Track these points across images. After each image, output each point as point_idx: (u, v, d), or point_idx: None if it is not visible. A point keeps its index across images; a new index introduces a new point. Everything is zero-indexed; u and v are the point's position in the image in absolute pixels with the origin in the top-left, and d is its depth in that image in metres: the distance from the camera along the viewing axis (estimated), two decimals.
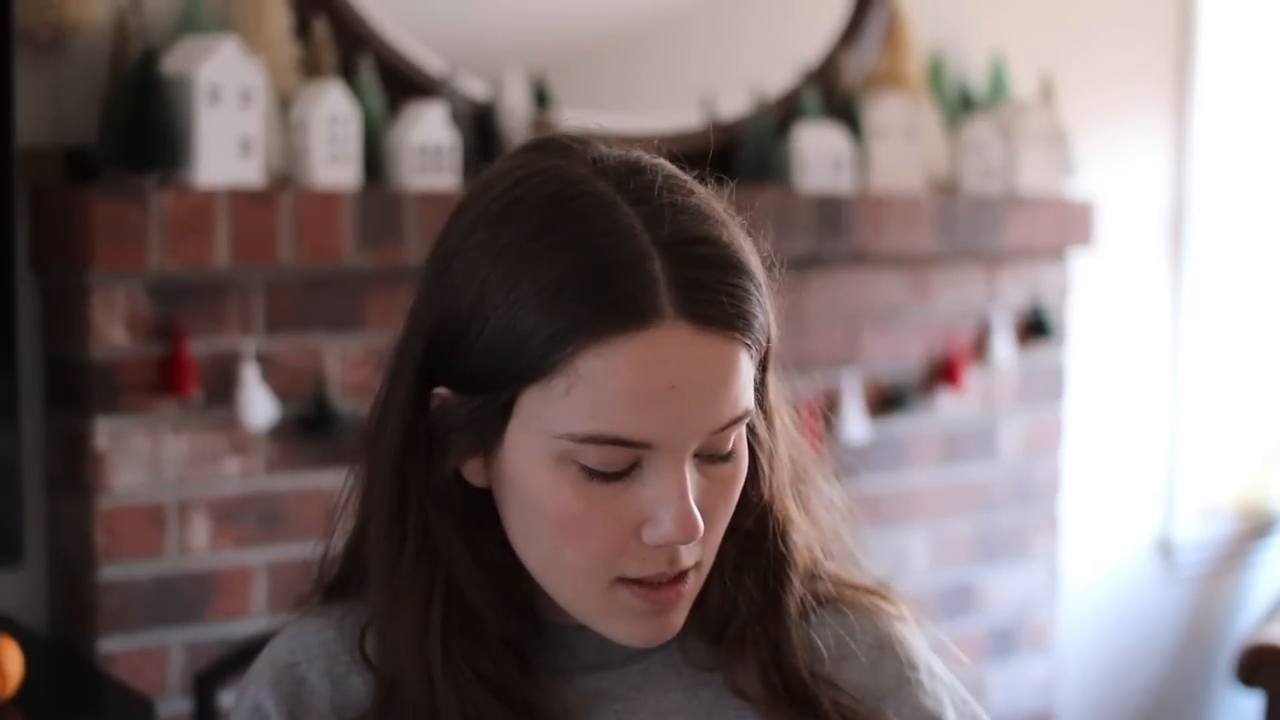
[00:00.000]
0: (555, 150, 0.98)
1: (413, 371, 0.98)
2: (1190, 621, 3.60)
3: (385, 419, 1.00)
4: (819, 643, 1.03)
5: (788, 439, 1.06)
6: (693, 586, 0.97)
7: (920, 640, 1.08)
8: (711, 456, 0.95)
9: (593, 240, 0.91)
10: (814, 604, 1.05)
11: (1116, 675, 3.44)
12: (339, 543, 1.07)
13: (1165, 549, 3.53)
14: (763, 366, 1.01)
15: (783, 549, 1.03)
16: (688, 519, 0.92)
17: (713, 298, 0.91)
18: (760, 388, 1.01)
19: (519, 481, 0.95)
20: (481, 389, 0.94)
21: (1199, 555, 3.59)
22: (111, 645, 2.07)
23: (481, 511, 0.99)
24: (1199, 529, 3.58)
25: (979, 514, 2.99)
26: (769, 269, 0.99)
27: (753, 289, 0.94)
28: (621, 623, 0.96)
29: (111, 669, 2.05)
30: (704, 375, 0.91)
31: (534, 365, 0.91)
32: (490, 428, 0.95)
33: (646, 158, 0.98)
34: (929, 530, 2.90)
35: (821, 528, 1.08)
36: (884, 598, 1.09)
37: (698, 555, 0.96)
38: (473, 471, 0.98)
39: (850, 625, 1.05)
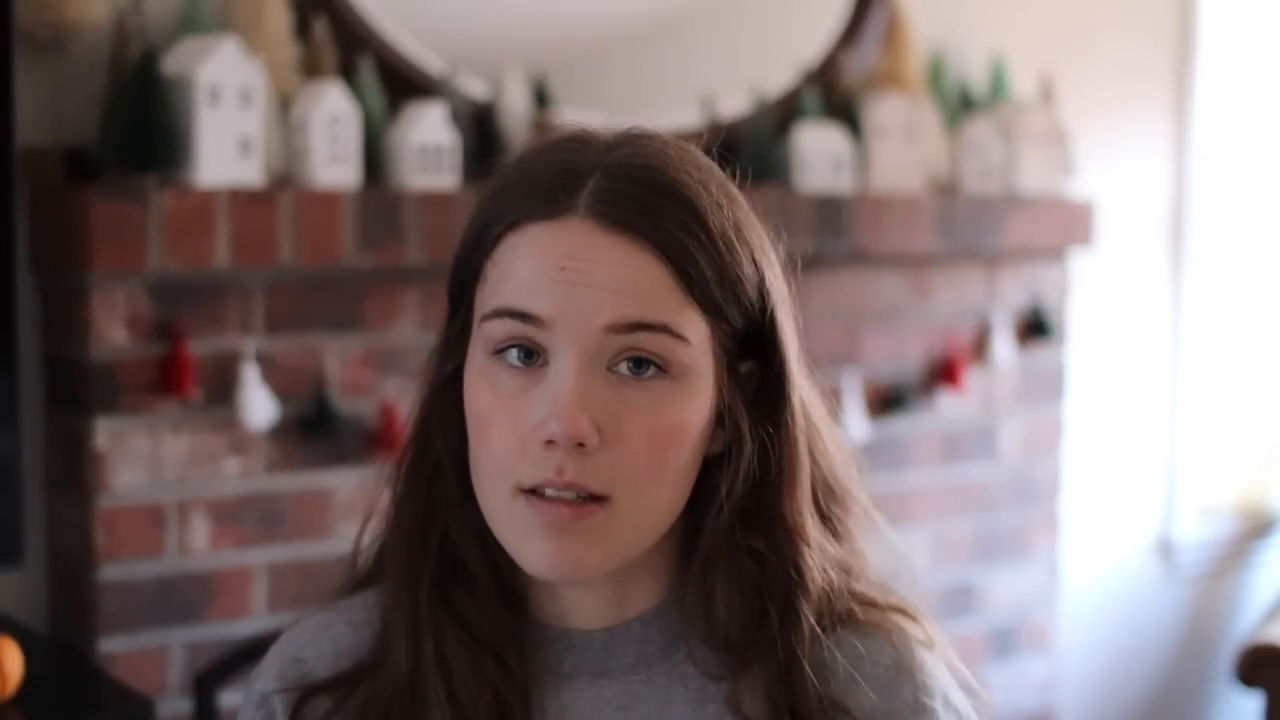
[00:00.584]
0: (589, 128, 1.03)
1: (449, 310, 1.03)
2: (1190, 621, 3.60)
3: (429, 361, 1.04)
4: (833, 663, 1.01)
5: (819, 453, 1.04)
6: (605, 525, 0.94)
7: (941, 668, 1.06)
8: (628, 376, 0.93)
9: (551, 158, 0.98)
10: (832, 623, 1.02)
11: (1116, 675, 3.44)
12: (368, 538, 1.08)
13: (1165, 549, 3.53)
14: (764, 362, 1.00)
15: (793, 574, 1.00)
16: (566, 411, 0.91)
17: (629, 205, 0.94)
18: (762, 390, 1.00)
19: (467, 393, 0.98)
20: (460, 302, 1.00)
21: (1199, 555, 3.59)
22: (111, 645, 2.07)
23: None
24: (1199, 529, 3.58)
25: (979, 514, 2.99)
26: (784, 265, 1.02)
27: (688, 219, 0.95)
28: (526, 542, 0.94)
29: (111, 669, 2.05)
30: (601, 268, 0.92)
31: (476, 264, 0.97)
32: (461, 343, 0.99)
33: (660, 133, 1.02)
34: (929, 530, 2.90)
35: (854, 552, 1.06)
36: (912, 618, 1.06)
37: (604, 484, 0.92)
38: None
39: (869, 645, 1.03)
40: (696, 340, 0.95)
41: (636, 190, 0.94)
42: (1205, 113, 3.46)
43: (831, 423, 1.07)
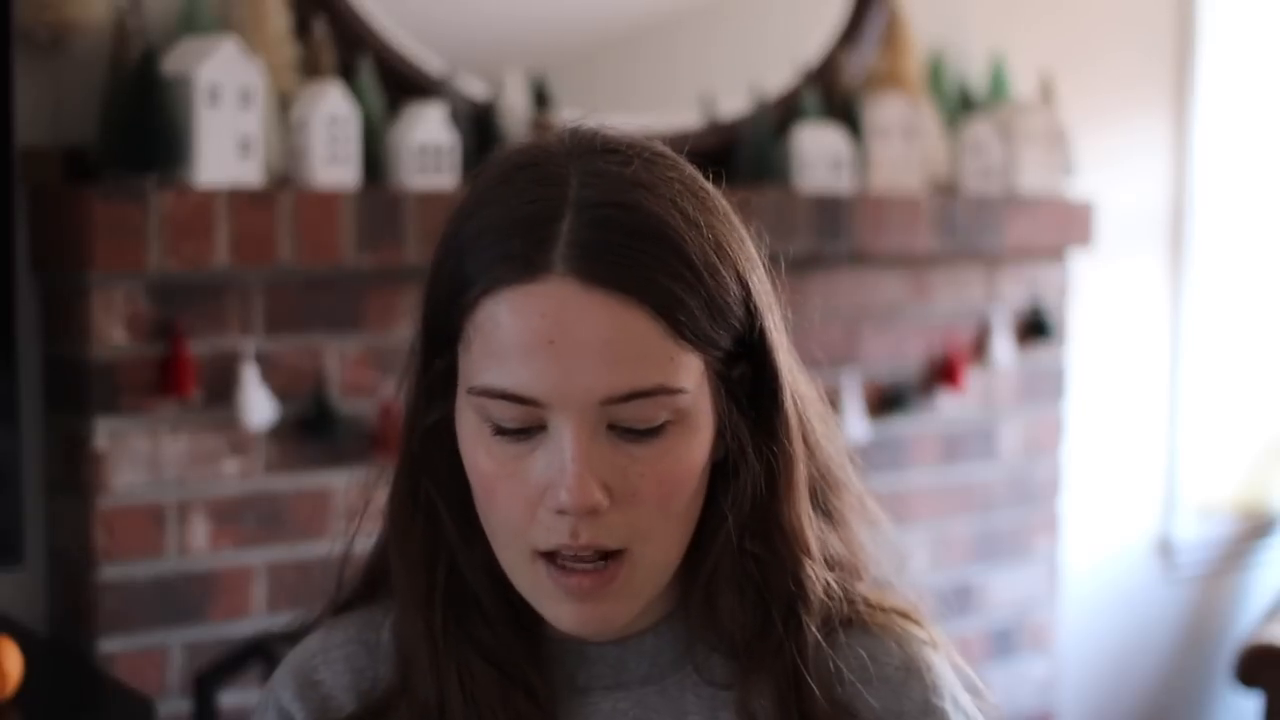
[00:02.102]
0: (557, 130, 0.99)
1: (419, 339, 0.99)
2: (1190, 621, 3.60)
3: (403, 385, 1.02)
4: (842, 666, 1.00)
5: (814, 448, 1.03)
6: (627, 578, 0.93)
7: (948, 670, 1.05)
8: (631, 431, 0.91)
9: (518, 198, 0.92)
10: (837, 626, 1.02)
11: (1116, 675, 3.44)
12: (358, 545, 1.07)
13: (1165, 549, 3.53)
14: (756, 371, 0.98)
15: (792, 584, 0.99)
16: (576, 485, 0.89)
17: (607, 258, 0.89)
18: (754, 396, 0.98)
19: (460, 444, 0.95)
20: (441, 350, 0.96)
21: (1199, 555, 3.59)
22: (111, 645, 2.07)
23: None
24: (1199, 529, 3.58)
25: (979, 514, 2.99)
26: (769, 272, 0.99)
27: (672, 260, 0.90)
28: (552, 604, 0.94)
29: (111, 669, 2.05)
30: (589, 334, 0.88)
31: (453, 321, 0.93)
32: (448, 393, 0.96)
33: (622, 136, 0.97)
34: (929, 530, 2.90)
35: (854, 547, 1.05)
36: (915, 621, 1.06)
37: (620, 539, 0.92)
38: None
39: (876, 648, 1.02)
40: (692, 383, 0.92)
41: (615, 237, 0.89)
42: (1205, 112, 3.46)
43: (826, 413, 1.05)
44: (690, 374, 0.92)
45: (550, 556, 0.92)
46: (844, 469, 1.06)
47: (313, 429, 2.18)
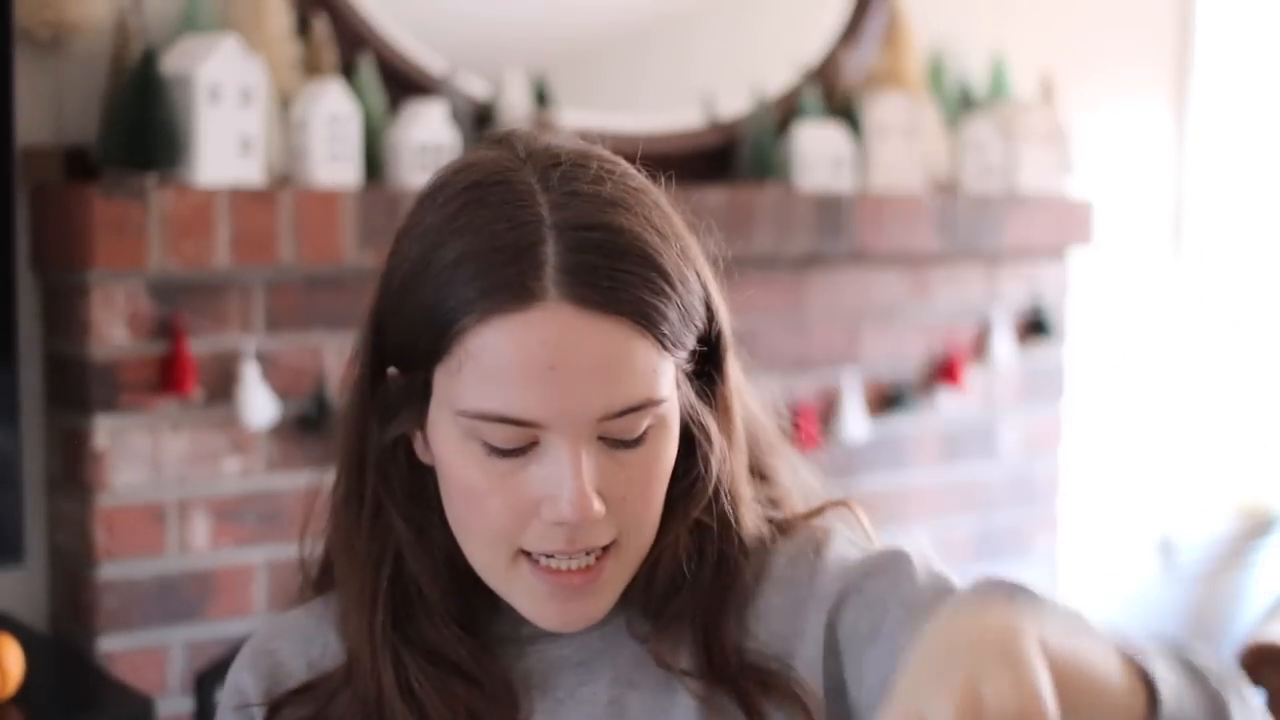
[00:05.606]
0: (500, 142, 1.01)
1: (368, 349, 1.01)
2: (1190, 621, 3.60)
3: (348, 394, 1.04)
4: (754, 614, 1.03)
5: (750, 417, 1.07)
6: (615, 570, 0.97)
7: (842, 536, 1.07)
8: (620, 442, 0.95)
9: (494, 224, 0.93)
10: (757, 575, 1.05)
11: None
12: (310, 549, 1.10)
13: (1166, 548, 3.53)
14: (709, 359, 1.01)
15: (731, 535, 1.03)
16: (581, 499, 0.92)
17: (598, 282, 0.91)
18: (705, 380, 1.02)
19: (438, 456, 0.98)
20: (408, 368, 0.98)
21: (1199, 555, 3.59)
22: (111, 644, 2.07)
23: (430, 488, 1.02)
24: (1199, 529, 3.58)
25: (979, 513, 2.99)
26: (715, 264, 1.01)
27: (655, 277, 0.93)
28: (533, 603, 0.98)
29: (111, 668, 2.05)
30: (587, 357, 0.91)
31: (435, 345, 0.95)
32: (416, 406, 0.98)
33: (574, 147, 0.99)
34: (929, 530, 2.90)
35: (783, 490, 1.09)
36: (816, 517, 1.09)
37: (612, 534, 0.96)
38: (420, 449, 1.01)
39: (776, 558, 1.05)
40: (670, 388, 0.96)
41: (600, 260, 0.92)
42: (1205, 111, 3.46)
43: (749, 379, 1.09)
44: (668, 380, 0.96)
45: (536, 559, 0.96)
46: (773, 431, 1.10)
47: (313, 428, 2.19)
